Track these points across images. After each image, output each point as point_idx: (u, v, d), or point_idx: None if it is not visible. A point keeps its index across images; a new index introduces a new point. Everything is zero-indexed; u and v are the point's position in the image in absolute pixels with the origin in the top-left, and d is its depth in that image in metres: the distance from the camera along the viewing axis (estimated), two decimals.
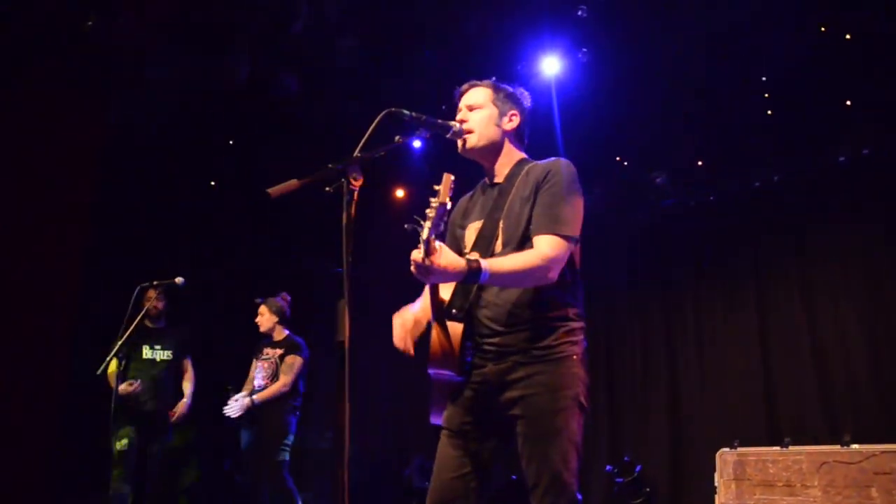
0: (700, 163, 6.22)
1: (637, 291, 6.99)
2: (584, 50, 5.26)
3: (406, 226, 1.76)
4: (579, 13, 4.96)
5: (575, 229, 2.05)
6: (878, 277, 5.49)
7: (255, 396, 4.82)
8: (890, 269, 5.44)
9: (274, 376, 4.97)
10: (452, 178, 1.79)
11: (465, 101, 2.25)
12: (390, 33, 5.30)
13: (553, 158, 2.18)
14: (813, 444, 5.06)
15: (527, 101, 2.31)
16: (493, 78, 2.32)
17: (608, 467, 6.34)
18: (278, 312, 5.17)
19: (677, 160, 6.24)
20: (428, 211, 1.75)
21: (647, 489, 6.12)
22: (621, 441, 6.68)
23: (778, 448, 5.16)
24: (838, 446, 4.86)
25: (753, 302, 6.15)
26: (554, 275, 1.98)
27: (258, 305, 5.23)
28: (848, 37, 4.89)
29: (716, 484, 5.41)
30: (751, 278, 6.23)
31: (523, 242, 2.05)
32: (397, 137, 1.97)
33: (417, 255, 1.78)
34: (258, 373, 5.05)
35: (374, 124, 1.82)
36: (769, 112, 5.60)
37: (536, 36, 5.28)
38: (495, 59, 5.36)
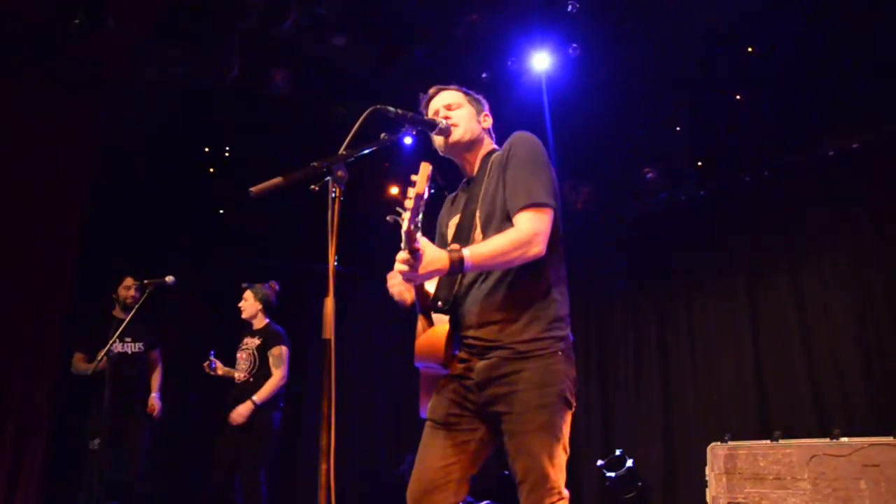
0: (691, 158, 6.24)
1: (629, 287, 7.02)
2: (575, 45, 5.26)
3: (388, 217, 1.74)
4: (569, 8, 4.97)
5: (548, 196, 2.01)
6: (868, 273, 5.51)
7: (255, 398, 4.65)
8: (879, 264, 5.46)
9: (253, 368, 4.83)
10: (431, 167, 1.75)
11: (440, 103, 2.27)
12: (380, 31, 5.29)
13: (516, 133, 2.17)
14: (803, 438, 5.11)
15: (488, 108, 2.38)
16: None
17: (600, 462, 6.36)
18: (263, 300, 4.99)
19: (668, 155, 6.26)
20: (406, 202, 1.72)
21: (640, 483, 6.15)
22: (614, 435, 6.71)
23: (768, 442, 5.20)
24: (828, 440, 4.90)
25: (745, 297, 6.17)
26: (540, 249, 1.94)
27: (244, 290, 5.04)
28: (838, 31, 4.91)
29: (707, 477, 5.44)
30: (742, 273, 6.25)
31: (502, 223, 2.04)
32: (383, 135, 1.97)
33: (402, 256, 1.77)
34: (238, 366, 4.90)
35: (359, 121, 1.82)
36: (760, 107, 5.62)
37: (527, 31, 5.27)
38: (486, 54, 5.36)
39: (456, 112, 2.24)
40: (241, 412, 4.63)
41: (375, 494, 7.23)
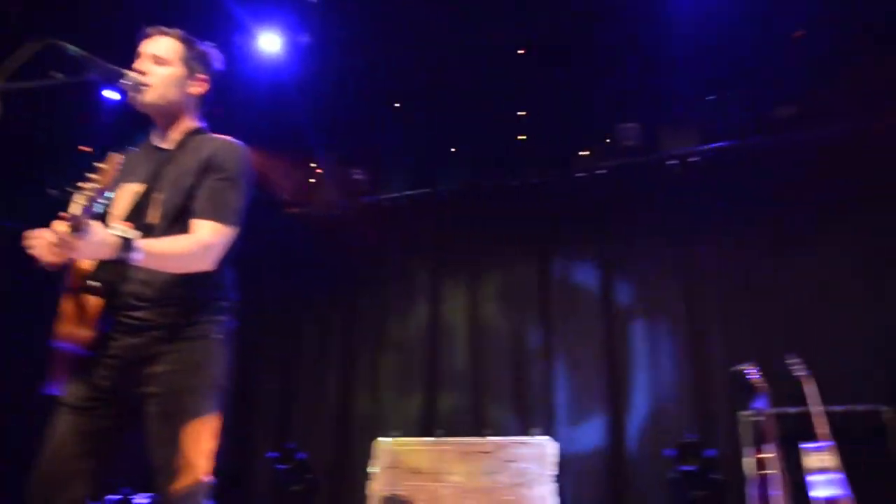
0: (395, 162, 6.51)
1: (318, 285, 7.07)
2: (304, 35, 5.21)
3: (50, 190, 1.54)
4: None
5: (238, 218, 1.99)
6: (527, 292, 6.31)
7: None
8: (526, 280, 6.28)
9: None
10: (121, 160, 1.61)
11: (150, 49, 2.06)
12: None
13: (227, 138, 2.08)
14: (461, 436, 5.66)
15: (219, 63, 2.18)
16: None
17: (271, 454, 6.32)
18: None
19: (378, 159, 6.49)
20: (84, 186, 1.56)
21: (310, 476, 6.23)
22: (291, 429, 6.72)
23: (429, 438, 5.67)
24: (479, 438, 5.51)
25: (424, 305, 6.67)
26: (211, 262, 1.91)
27: None
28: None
29: (371, 471, 5.73)
30: (427, 278, 6.74)
31: (181, 216, 1.94)
32: (55, 73, 1.72)
33: (61, 227, 1.57)
34: None
35: (25, 52, 1.56)
36: (476, 113, 5.92)
37: (259, 9, 5.08)
38: (211, 20, 5.04)
39: (159, 70, 2.03)
40: None
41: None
